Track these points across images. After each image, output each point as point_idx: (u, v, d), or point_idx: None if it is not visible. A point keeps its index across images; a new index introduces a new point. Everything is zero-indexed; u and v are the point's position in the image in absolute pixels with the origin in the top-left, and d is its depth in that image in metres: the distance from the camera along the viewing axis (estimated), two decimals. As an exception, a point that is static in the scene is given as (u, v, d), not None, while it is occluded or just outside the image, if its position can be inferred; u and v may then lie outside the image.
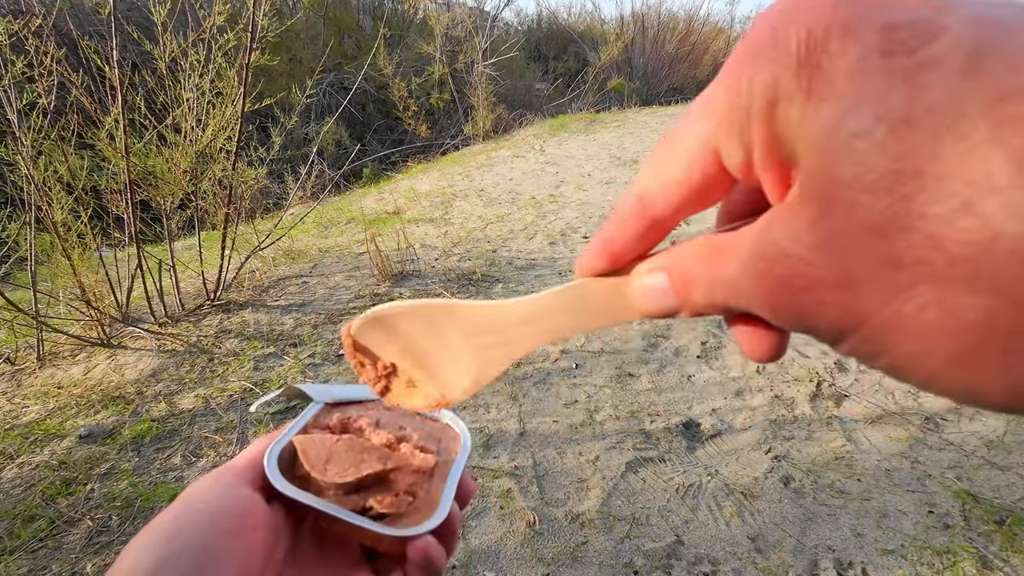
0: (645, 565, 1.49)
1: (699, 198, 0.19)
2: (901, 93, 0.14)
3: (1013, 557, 1.45)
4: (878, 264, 0.14)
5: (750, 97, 0.16)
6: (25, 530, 1.66)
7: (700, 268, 0.19)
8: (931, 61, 0.13)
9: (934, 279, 0.14)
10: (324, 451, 0.34)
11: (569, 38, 11.45)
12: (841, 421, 1.97)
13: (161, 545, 0.27)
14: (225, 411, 2.15)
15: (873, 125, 0.14)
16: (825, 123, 0.15)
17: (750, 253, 0.17)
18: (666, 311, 0.21)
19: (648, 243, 0.22)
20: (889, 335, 0.15)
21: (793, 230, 0.16)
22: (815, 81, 0.15)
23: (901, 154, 0.14)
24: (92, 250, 2.76)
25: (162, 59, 2.56)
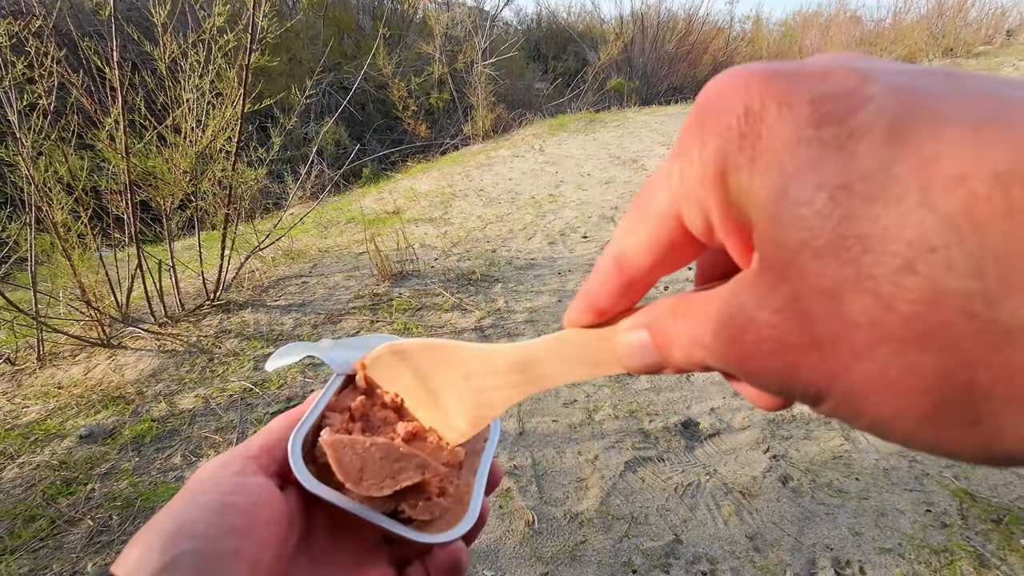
0: (644, 564, 1.49)
1: (670, 260, 0.20)
2: (835, 162, 0.14)
3: (1010, 556, 1.45)
4: (837, 326, 0.15)
5: (701, 167, 0.17)
6: (26, 530, 1.66)
7: (676, 328, 0.20)
8: (858, 130, 0.14)
9: (891, 339, 0.14)
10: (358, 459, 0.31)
11: (569, 38, 11.45)
12: (839, 420, 1.97)
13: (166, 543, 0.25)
14: (225, 411, 2.16)
15: (813, 193, 0.14)
16: (771, 191, 0.15)
17: (720, 317, 0.18)
18: (649, 367, 0.22)
19: (630, 298, 0.23)
20: (860, 397, 0.15)
21: (757, 295, 0.16)
22: (757, 151, 0.16)
23: (842, 219, 0.14)
24: (92, 250, 2.77)
25: (162, 60, 2.57)
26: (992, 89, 0.14)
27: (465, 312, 2.81)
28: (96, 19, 5.07)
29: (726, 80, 0.17)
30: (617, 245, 0.22)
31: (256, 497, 0.29)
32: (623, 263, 0.21)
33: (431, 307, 2.88)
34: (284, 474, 0.31)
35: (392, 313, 2.83)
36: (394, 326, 2.70)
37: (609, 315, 0.23)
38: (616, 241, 0.22)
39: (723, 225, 0.17)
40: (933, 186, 0.13)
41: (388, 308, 2.88)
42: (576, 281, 3.09)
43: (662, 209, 0.19)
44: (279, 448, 0.32)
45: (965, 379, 0.13)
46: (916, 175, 0.13)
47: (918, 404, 0.14)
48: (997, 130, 0.13)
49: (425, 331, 2.65)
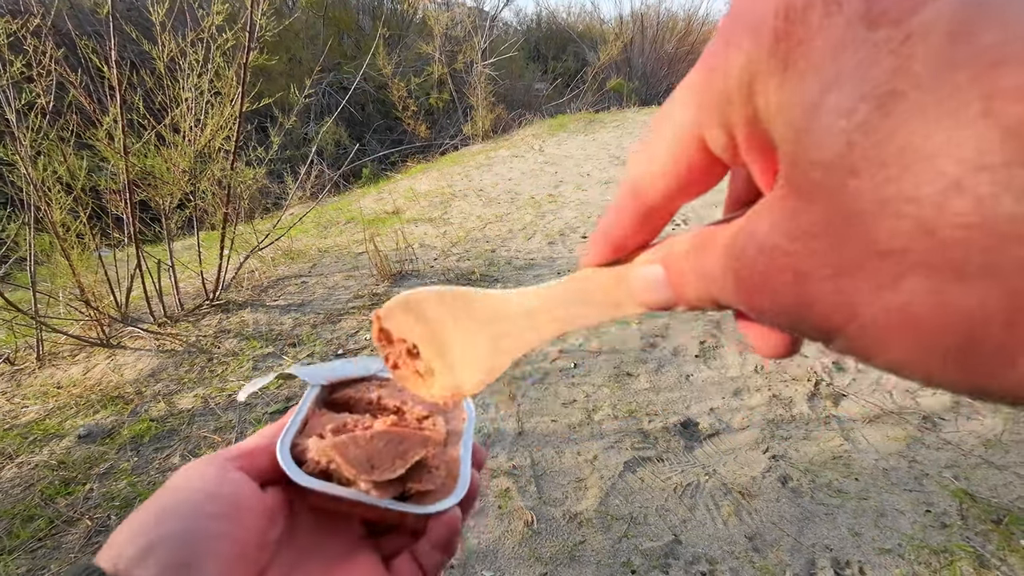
0: (643, 564, 1.49)
1: (690, 185, 0.19)
2: (887, 66, 0.13)
3: (1010, 556, 1.45)
4: (865, 254, 0.13)
5: (728, 77, 0.15)
6: (24, 530, 1.66)
7: (689, 262, 0.19)
8: (919, 31, 0.12)
9: (925, 268, 0.13)
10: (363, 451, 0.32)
11: (568, 38, 11.45)
12: (839, 420, 1.97)
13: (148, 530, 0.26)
14: (224, 411, 2.15)
15: (857, 102, 0.13)
16: (805, 101, 0.14)
17: (731, 247, 0.17)
18: (663, 304, 0.21)
19: (649, 231, 0.21)
20: (881, 332, 0.14)
21: (775, 221, 0.15)
22: (793, 56, 0.14)
23: (887, 133, 0.13)
24: (91, 250, 2.76)
25: (160, 59, 2.56)
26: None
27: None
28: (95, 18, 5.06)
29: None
30: (633, 172, 0.20)
31: (237, 488, 0.30)
32: (640, 190, 0.20)
33: (430, 307, 2.88)
34: (264, 476, 0.32)
35: (391, 313, 2.82)
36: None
37: (627, 250, 0.22)
38: (632, 168, 0.20)
39: (747, 144, 0.16)
40: (998, 94, 0.11)
41: (387, 308, 2.88)
42: (575, 281, 3.09)
43: (682, 128, 0.17)
44: (260, 453, 0.33)
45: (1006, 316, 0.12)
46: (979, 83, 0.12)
47: (945, 340, 0.13)
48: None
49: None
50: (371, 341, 2.59)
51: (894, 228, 0.13)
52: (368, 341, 2.59)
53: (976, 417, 1.94)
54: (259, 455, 0.33)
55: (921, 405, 2.01)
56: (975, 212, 0.12)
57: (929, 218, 0.12)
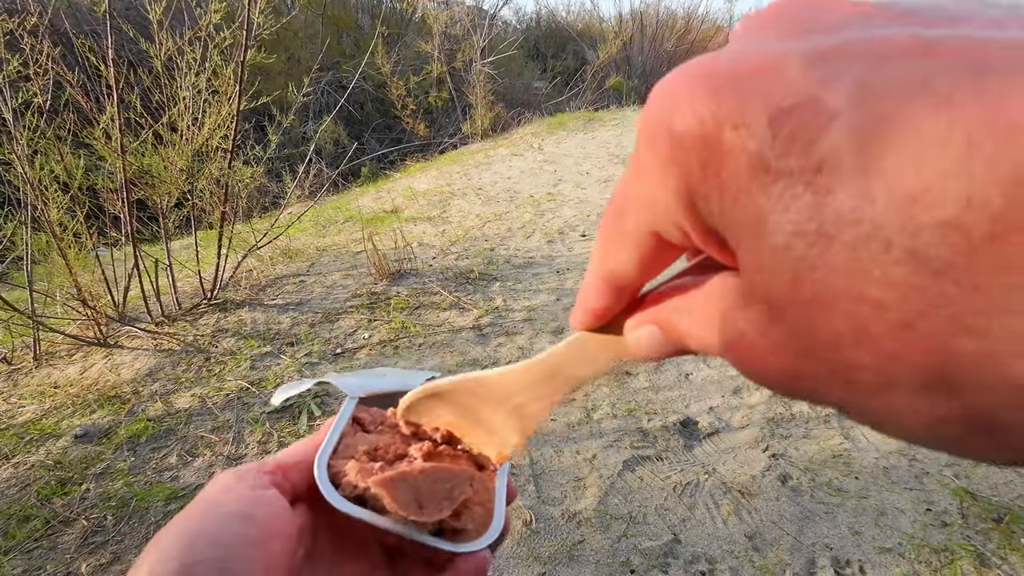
0: (642, 564, 1.48)
1: (657, 266, 0.20)
2: (807, 202, 0.12)
3: (1011, 555, 1.45)
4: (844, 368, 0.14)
5: (667, 194, 0.16)
6: (20, 530, 1.65)
7: (683, 323, 0.20)
8: (827, 160, 0.12)
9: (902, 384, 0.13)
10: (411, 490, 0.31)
11: (568, 36, 11.43)
12: (839, 419, 1.97)
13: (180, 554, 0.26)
14: (222, 410, 2.15)
15: (790, 239, 0.13)
16: (746, 227, 0.14)
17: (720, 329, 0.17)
18: (669, 354, 0.22)
19: (623, 305, 0.23)
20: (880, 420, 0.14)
21: (751, 322, 0.16)
22: (722, 180, 0.14)
23: (828, 271, 0.13)
24: (88, 249, 2.75)
25: (158, 57, 2.55)
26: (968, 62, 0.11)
27: (463, 311, 2.80)
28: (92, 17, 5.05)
29: (669, 90, 0.15)
30: (601, 267, 0.21)
31: (271, 509, 0.29)
32: (611, 280, 0.21)
33: (429, 306, 2.87)
34: (295, 493, 0.32)
35: (390, 312, 2.82)
36: (392, 325, 2.69)
37: (608, 316, 0.24)
38: (598, 263, 0.21)
39: (703, 242, 0.17)
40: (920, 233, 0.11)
41: (386, 307, 2.87)
42: (575, 279, 3.08)
43: (638, 229, 0.18)
44: (294, 468, 0.32)
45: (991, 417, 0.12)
46: (899, 218, 0.11)
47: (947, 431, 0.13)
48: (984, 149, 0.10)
49: (423, 330, 2.64)
50: (369, 340, 2.59)
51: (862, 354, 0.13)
52: (367, 340, 2.58)
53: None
54: (292, 471, 0.32)
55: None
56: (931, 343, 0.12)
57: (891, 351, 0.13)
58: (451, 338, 2.57)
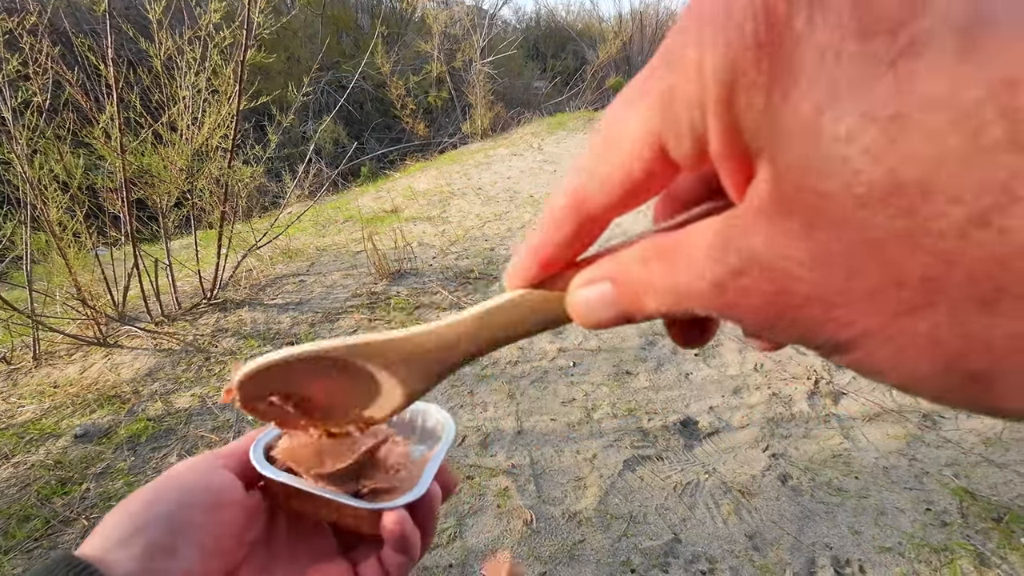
0: (642, 563, 1.48)
1: (639, 192, 0.17)
2: (887, 85, 0.11)
3: (1011, 554, 1.45)
4: (881, 283, 0.12)
5: (700, 83, 0.14)
6: (20, 530, 1.65)
7: (651, 274, 0.17)
8: (918, 42, 0.11)
9: (946, 298, 0.12)
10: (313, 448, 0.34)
11: (567, 36, 11.43)
12: (839, 419, 1.97)
13: (136, 514, 0.29)
14: (221, 410, 2.15)
15: (858, 127, 0.12)
16: (799, 120, 0.12)
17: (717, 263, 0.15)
18: (611, 321, 0.20)
19: (580, 246, 0.20)
20: (896, 353, 0.13)
21: (775, 241, 0.14)
22: (779, 66, 0.13)
23: (897, 161, 0.11)
24: (88, 249, 2.75)
25: (158, 57, 2.55)
26: None
27: (463, 310, 2.80)
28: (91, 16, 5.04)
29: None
30: (576, 181, 0.18)
31: (221, 485, 0.32)
32: (581, 201, 0.18)
33: (429, 305, 2.87)
34: (249, 478, 0.35)
35: (390, 312, 2.82)
36: (392, 325, 2.69)
37: (556, 267, 0.21)
38: (574, 177, 0.18)
39: (721, 152, 0.14)
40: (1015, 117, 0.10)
41: (386, 307, 2.87)
42: (575, 279, 3.08)
43: (641, 132, 0.16)
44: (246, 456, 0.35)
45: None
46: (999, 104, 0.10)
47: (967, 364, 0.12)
48: None
49: (423, 330, 2.64)
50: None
51: (912, 260, 0.12)
52: (366, 340, 2.58)
53: (976, 415, 1.93)
54: (247, 456, 0.35)
55: (921, 403, 2.01)
56: (1002, 244, 0.11)
57: (950, 251, 0.11)
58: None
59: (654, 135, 0.16)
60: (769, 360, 2.31)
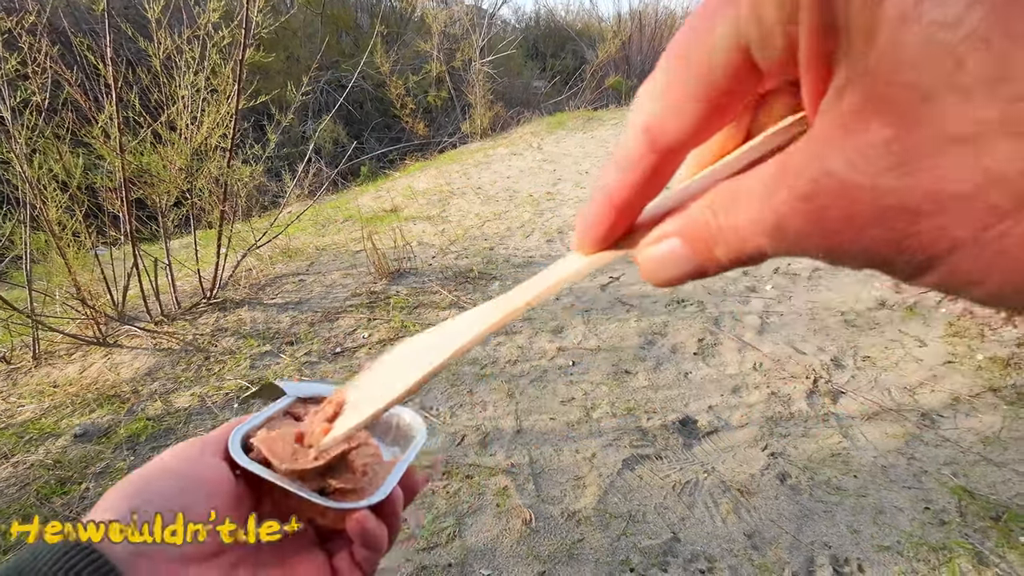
0: (641, 562, 1.49)
1: (721, 114, 0.16)
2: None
3: (1009, 553, 1.45)
4: (977, 183, 0.12)
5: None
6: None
7: (723, 220, 0.17)
8: None
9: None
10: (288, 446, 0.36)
11: (567, 36, 11.43)
12: (837, 418, 1.97)
13: (129, 496, 0.31)
14: (221, 409, 2.15)
15: (964, 11, 0.11)
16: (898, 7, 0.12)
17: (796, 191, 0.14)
18: (686, 276, 0.19)
19: (656, 187, 0.19)
20: (989, 263, 0.13)
21: (858, 153, 0.13)
22: None
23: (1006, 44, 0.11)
24: (87, 248, 2.75)
25: (157, 56, 2.55)
26: None
27: (463, 310, 2.79)
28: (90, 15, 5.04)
29: None
30: (646, 111, 0.17)
31: (211, 471, 0.34)
32: (657, 132, 0.17)
33: (428, 305, 2.87)
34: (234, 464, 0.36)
35: (389, 311, 2.82)
36: (391, 324, 2.69)
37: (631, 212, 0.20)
38: (644, 107, 0.17)
39: (812, 52, 0.14)
40: None
41: (385, 306, 2.87)
42: (574, 279, 3.08)
43: (719, 42, 0.15)
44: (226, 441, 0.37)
45: None
46: None
47: None
48: None
49: (423, 329, 2.63)
50: (369, 339, 2.59)
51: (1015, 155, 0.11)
52: (366, 339, 2.58)
53: (975, 414, 1.93)
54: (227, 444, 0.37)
55: (920, 402, 2.01)
56: None
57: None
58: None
59: (740, 38, 0.15)
60: (768, 359, 2.31)
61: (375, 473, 0.38)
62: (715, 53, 0.15)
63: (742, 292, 2.86)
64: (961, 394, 2.02)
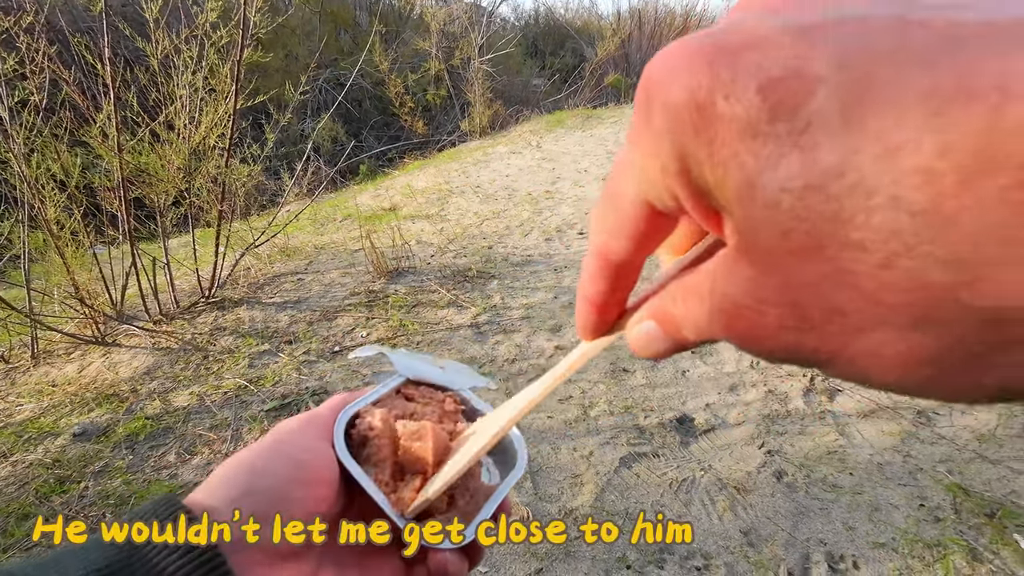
0: (638, 560, 1.50)
1: (648, 240, 0.20)
2: (795, 160, 0.14)
3: (1003, 550, 1.46)
4: (828, 313, 0.15)
5: (660, 160, 0.17)
6: (19, 528, 1.66)
7: (678, 311, 0.20)
8: (813, 121, 0.13)
9: (882, 323, 0.14)
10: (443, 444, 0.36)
11: (566, 34, 11.41)
12: (834, 415, 1.98)
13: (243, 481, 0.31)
14: (220, 408, 2.15)
15: (779, 194, 0.14)
16: (736, 189, 0.15)
17: (711, 303, 0.18)
18: (668, 351, 0.22)
19: (624, 288, 0.23)
20: (863, 366, 0.15)
21: (741, 285, 0.16)
22: (714, 146, 0.15)
23: (814, 221, 0.14)
24: (86, 248, 2.75)
25: (155, 55, 2.55)
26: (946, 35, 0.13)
27: (461, 309, 2.81)
28: (88, 15, 5.03)
29: (668, 62, 0.16)
30: (597, 240, 0.22)
31: (318, 459, 0.34)
32: (606, 254, 0.22)
33: (427, 304, 2.88)
34: None
35: (388, 310, 2.82)
36: (390, 323, 2.70)
37: (609, 308, 0.24)
38: (595, 236, 0.22)
39: (694, 210, 0.17)
40: (900, 181, 0.12)
41: (384, 305, 2.88)
42: (572, 277, 3.09)
43: (631, 197, 0.19)
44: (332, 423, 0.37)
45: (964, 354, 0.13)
46: (880, 169, 0.13)
47: (922, 370, 0.14)
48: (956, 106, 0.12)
49: (421, 327, 2.65)
50: (367, 338, 2.59)
51: (845, 296, 0.14)
52: (365, 338, 2.59)
53: (970, 412, 1.94)
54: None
55: (915, 400, 2.02)
56: (909, 282, 0.13)
57: (871, 289, 0.14)
58: (449, 336, 2.58)
59: (643, 197, 0.19)
60: (765, 357, 2.32)
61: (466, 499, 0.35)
62: (627, 203, 0.19)
63: (740, 290, 2.86)
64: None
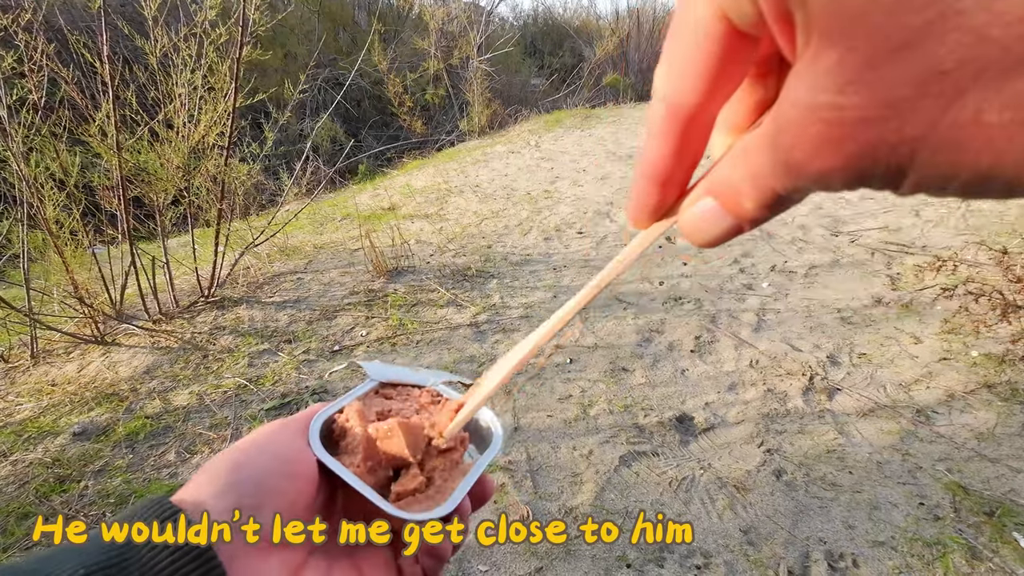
0: (638, 558, 1.50)
1: (723, 77, 0.18)
2: None
3: (1002, 548, 1.46)
4: (920, 80, 0.13)
5: None
6: (19, 527, 1.66)
7: (738, 172, 0.18)
8: None
9: (986, 75, 0.12)
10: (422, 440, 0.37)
11: (565, 33, 11.42)
12: (833, 414, 1.98)
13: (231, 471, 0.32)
14: (219, 407, 2.15)
15: None
16: None
17: (775, 127, 0.16)
18: (725, 233, 0.20)
19: (691, 155, 0.21)
20: (951, 154, 0.14)
21: (815, 80, 0.14)
22: None
23: None
24: (85, 247, 2.75)
25: (153, 54, 2.55)
26: None
27: (460, 308, 2.81)
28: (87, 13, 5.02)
29: None
30: (661, 87, 0.19)
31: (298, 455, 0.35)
32: (674, 101, 0.19)
33: (426, 303, 2.88)
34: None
35: (387, 309, 2.82)
36: (389, 322, 2.70)
37: (674, 184, 0.21)
38: (658, 85, 0.19)
39: (774, 12, 0.15)
40: None
41: (383, 304, 2.87)
42: (571, 276, 3.09)
43: (706, 16, 0.17)
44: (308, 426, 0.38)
45: None
46: None
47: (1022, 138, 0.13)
48: None
49: (421, 326, 2.65)
50: (367, 337, 2.59)
51: (945, 46, 0.12)
52: (364, 337, 2.59)
53: (969, 411, 1.95)
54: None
55: (915, 399, 2.02)
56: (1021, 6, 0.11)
57: (980, 24, 0.12)
58: (448, 335, 2.58)
59: (718, 11, 0.17)
60: (764, 356, 2.32)
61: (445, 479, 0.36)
62: (700, 24, 0.17)
63: (739, 289, 2.87)
64: (956, 390, 2.03)
